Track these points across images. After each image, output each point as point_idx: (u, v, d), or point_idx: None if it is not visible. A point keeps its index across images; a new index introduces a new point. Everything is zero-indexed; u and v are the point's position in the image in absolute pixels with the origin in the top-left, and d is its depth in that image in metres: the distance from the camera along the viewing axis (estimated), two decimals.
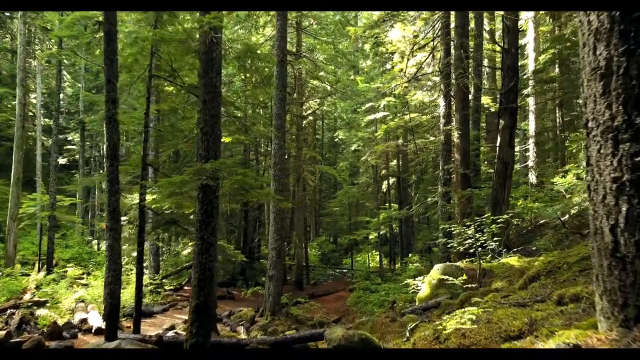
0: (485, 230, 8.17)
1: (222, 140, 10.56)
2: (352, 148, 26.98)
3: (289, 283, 21.63)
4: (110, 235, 7.91)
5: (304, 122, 26.68)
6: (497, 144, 11.98)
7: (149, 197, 9.10)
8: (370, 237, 28.01)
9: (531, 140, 21.51)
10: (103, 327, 11.11)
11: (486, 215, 7.95)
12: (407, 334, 4.49)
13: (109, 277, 7.78)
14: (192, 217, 9.48)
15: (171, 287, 16.78)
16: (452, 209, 12.26)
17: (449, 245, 8.80)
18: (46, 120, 29.95)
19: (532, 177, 21.67)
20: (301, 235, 21.23)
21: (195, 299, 6.45)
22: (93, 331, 10.56)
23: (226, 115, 9.69)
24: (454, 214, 11.99)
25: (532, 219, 17.24)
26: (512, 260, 8.21)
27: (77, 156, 31.75)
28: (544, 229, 14.66)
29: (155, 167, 9.22)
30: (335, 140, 36.51)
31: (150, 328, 11.64)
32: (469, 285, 7.83)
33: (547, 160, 23.66)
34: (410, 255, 26.68)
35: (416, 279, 9.11)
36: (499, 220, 8.16)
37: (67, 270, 18.86)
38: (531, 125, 21.35)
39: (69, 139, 34.17)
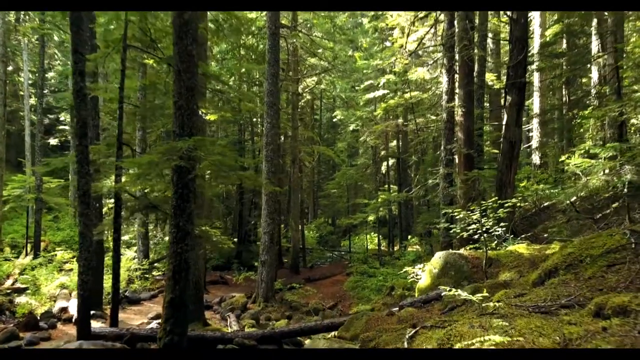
0: (491, 215, 7.48)
1: (208, 118, 9.80)
2: (351, 128, 26.15)
3: (284, 267, 21.11)
4: (81, 221, 7.21)
5: (301, 101, 25.80)
6: (504, 122, 11.21)
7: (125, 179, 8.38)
8: (369, 218, 27.45)
9: (535, 120, 20.66)
10: None
11: (493, 199, 7.24)
12: (406, 344, 3.82)
13: (80, 266, 7.11)
14: None
15: (161, 272, 16.18)
16: (455, 191, 11.56)
17: (451, 231, 8.12)
18: (36, 99, 29.01)
19: (536, 158, 20.94)
20: (297, 218, 20.60)
21: (170, 293, 5.79)
22: (73, 321, 9.96)
23: (210, 90, 8.90)
24: (457, 197, 11.30)
25: (537, 201, 16.59)
26: (521, 247, 7.55)
27: (69, 136, 30.91)
28: (549, 212, 14.00)
29: (133, 147, 8.48)
30: (334, 120, 35.51)
31: (135, 317, 11.07)
32: (474, 276, 7.18)
33: (551, 140, 22.89)
34: (409, 237, 26.13)
35: (416, 266, 8.48)
36: (506, 205, 7.46)
37: (55, 254, 18.27)
38: (535, 104, 20.49)
39: (61, 119, 33.27)
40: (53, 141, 32.19)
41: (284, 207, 27.05)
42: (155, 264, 18.83)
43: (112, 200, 12.76)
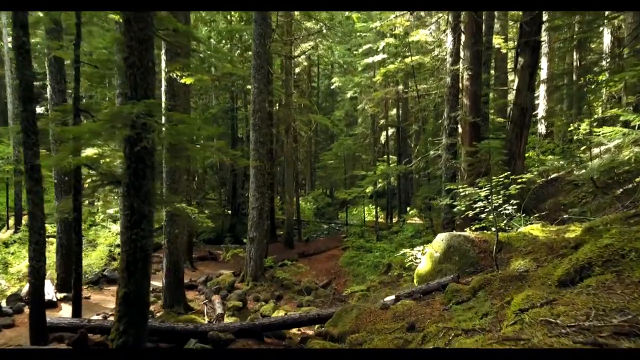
0: (500, 192, 6.52)
1: (183, 81, 8.70)
2: (348, 95, 24.84)
3: (279, 241, 20.35)
4: (30, 199, 6.27)
5: (297, 68, 24.45)
6: (514, 87, 10.13)
7: (90, 151, 7.38)
8: (367, 190, 26.56)
9: (542, 87, 19.44)
10: (55, 299, 9.77)
11: (504, 174, 6.27)
12: None
13: (30, 252, 6.22)
14: None
15: None
16: (458, 164, 10.58)
17: (454, 209, 7.17)
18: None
19: (542, 128, 19.87)
20: (292, 190, 19.67)
21: (124, 287, 4.89)
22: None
23: (178, 47, 7.77)
24: (460, 170, 10.34)
25: (544, 172, 15.63)
26: (535, 229, 6.62)
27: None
28: (558, 185, 13.05)
29: (93, 113, 7.42)
30: (332, 87, 34.07)
31: (111, 299, 10.27)
32: (482, 263, 6.29)
33: (559, 108, 21.72)
34: (408, 209, 25.31)
35: (415, 248, 7.59)
36: (519, 180, 6.48)
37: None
38: (543, 69, 19.23)
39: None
40: (39, 109, 30.96)
41: (279, 179, 26.13)
42: None
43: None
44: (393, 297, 7.12)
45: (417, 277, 6.99)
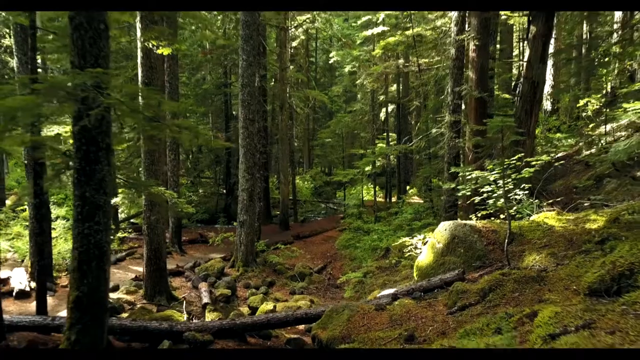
0: (512, 176, 5.77)
1: (159, 52, 7.85)
2: (347, 69, 23.80)
3: (274, 222, 19.72)
4: None
5: (294, 42, 23.35)
6: (525, 59, 9.27)
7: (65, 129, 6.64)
8: (366, 168, 25.85)
9: (549, 61, 18.43)
10: (28, 289, 9.11)
11: (518, 155, 5.51)
12: None
13: None
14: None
15: (130, 232, 14.66)
16: (463, 143, 9.81)
17: (459, 193, 6.44)
18: None
19: (547, 104, 19.02)
20: (287, 169, 18.92)
21: (76, 290, 4.20)
22: (14, 294, 8.56)
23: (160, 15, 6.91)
24: (465, 150, 9.57)
25: (551, 152, 14.87)
26: (550, 217, 5.90)
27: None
28: (567, 165, 12.30)
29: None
30: (331, 62, 32.89)
31: None
32: (490, 256, 5.59)
33: (567, 83, 20.79)
34: (408, 187, 24.63)
35: (414, 238, 6.89)
36: (533, 162, 5.72)
37: (25, 209, 16.76)
38: (550, 42, 18.18)
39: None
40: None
41: (276, 157, 25.32)
42: (132, 220, 17.44)
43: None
44: (390, 291, 6.47)
45: (416, 269, 6.31)
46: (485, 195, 6.12)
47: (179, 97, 16.98)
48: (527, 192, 6.42)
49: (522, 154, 5.75)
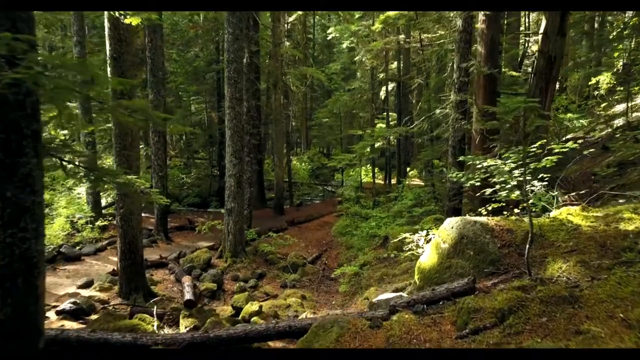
0: (531, 165, 4.90)
1: (126, 21, 6.89)
2: (345, 45, 22.65)
3: (268, 206, 18.93)
4: None
5: (291, 17, 22.15)
6: (541, 30, 8.29)
7: None
8: (366, 150, 24.93)
9: None
10: None
11: (540, 142, 4.65)
12: None
13: None
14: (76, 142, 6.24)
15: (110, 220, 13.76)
16: (469, 125, 8.92)
17: (467, 183, 5.59)
18: None
19: None
20: (281, 151, 18.03)
21: None
22: None
23: None
24: (472, 133, 8.69)
25: (559, 132, 13.97)
26: (574, 214, 5.07)
27: None
28: (579, 148, 11.41)
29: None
30: (329, 39, 31.58)
31: (65, 282, 8.91)
32: (505, 261, 4.78)
33: (574, 60, 19.69)
34: (408, 169, 23.78)
35: (415, 235, 6.06)
36: (556, 150, 4.85)
37: None
38: None
39: None
40: None
41: (274, 137, 24.33)
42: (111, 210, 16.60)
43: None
44: (388, 296, 5.70)
45: (418, 272, 5.52)
46: (498, 186, 5.26)
47: (165, 75, 15.98)
48: (546, 182, 5.57)
49: (544, 140, 4.87)
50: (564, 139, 12.26)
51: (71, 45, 13.05)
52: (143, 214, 14.99)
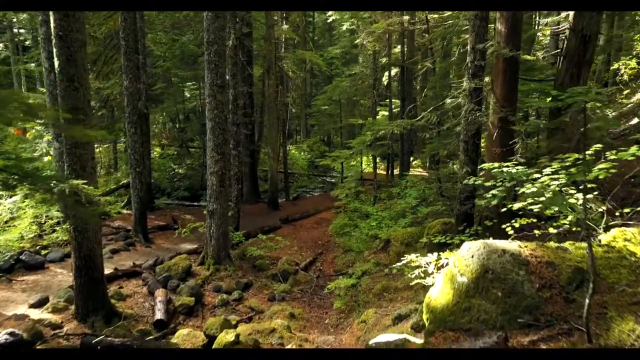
0: (563, 175, 3.67)
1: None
2: (345, 27, 21.21)
3: (263, 201, 17.75)
4: None
5: None
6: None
7: None
8: (367, 138, 23.62)
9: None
10: None
11: (595, 148, 3.42)
12: None
13: None
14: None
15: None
16: (484, 117, 7.65)
17: (493, 201, 4.32)
18: None
19: None
20: (275, 142, 16.78)
21: None
22: None
23: None
24: (489, 126, 7.43)
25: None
26: (633, 239, 3.85)
27: None
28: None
29: None
30: (329, 21, 29.98)
31: (18, 297, 7.76)
32: (545, 309, 3.57)
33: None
34: (412, 159, 22.51)
35: (423, 259, 4.85)
36: (610, 157, 3.60)
37: None
38: None
39: None
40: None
41: (268, 126, 23.05)
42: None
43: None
44: (388, 338, 4.52)
45: (428, 310, 4.32)
46: (529, 199, 4.02)
47: (146, 59, 14.70)
48: (596, 194, 4.33)
49: (600, 145, 3.62)
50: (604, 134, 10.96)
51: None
52: (124, 211, 13.89)
